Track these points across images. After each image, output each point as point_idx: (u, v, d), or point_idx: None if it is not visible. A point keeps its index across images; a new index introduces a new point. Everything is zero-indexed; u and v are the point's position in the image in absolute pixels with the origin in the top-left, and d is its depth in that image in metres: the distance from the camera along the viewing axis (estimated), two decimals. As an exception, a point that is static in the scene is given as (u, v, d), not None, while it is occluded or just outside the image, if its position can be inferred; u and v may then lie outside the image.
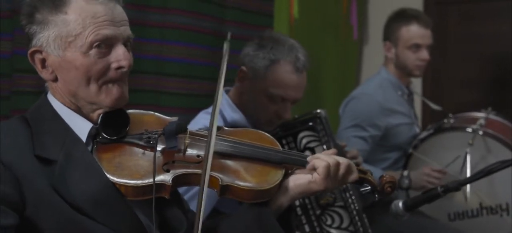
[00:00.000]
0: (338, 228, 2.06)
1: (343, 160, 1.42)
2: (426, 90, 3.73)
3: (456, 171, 2.59)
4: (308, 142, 2.09)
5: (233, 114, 2.11)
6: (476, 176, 1.67)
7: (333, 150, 1.47)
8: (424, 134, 2.79)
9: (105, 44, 1.33)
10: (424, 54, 2.82)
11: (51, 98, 1.40)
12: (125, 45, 1.37)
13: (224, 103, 2.13)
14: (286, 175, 1.43)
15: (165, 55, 2.61)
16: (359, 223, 2.05)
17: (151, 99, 2.59)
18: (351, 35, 3.94)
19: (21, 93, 2.13)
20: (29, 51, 1.35)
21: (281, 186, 1.41)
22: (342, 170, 1.41)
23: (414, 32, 2.82)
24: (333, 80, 3.82)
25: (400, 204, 1.70)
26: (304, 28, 3.44)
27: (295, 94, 2.08)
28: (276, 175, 1.40)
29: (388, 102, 2.80)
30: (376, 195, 1.49)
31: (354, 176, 1.45)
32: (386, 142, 2.81)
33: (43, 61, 1.36)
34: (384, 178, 1.49)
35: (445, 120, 2.79)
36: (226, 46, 1.28)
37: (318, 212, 2.06)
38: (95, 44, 1.32)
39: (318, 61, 3.59)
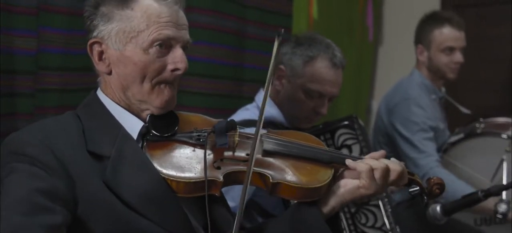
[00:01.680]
0: (372, 227, 2.09)
1: (393, 165, 1.40)
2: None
3: (487, 177, 2.55)
4: (345, 140, 2.15)
5: (271, 110, 2.13)
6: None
7: (381, 152, 1.44)
8: (454, 138, 2.76)
9: (166, 45, 1.35)
10: (458, 56, 2.79)
11: (101, 94, 1.40)
12: (183, 49, 1.39)
13: (262, 99, 2.14)
14: (335, 178, 1.42)
15: (188, 54, 2.58)
16: (393, 224, 2.07)
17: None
18: (366, 36, 3.92)
19: (45, 90, 2.11)
20: (89, 42, 1.37)
21: (331, 189, 1.40)
22: (393, 175, 1.40)
23: (447, 34, 2.78)
24: (348, 81, 3.79)
25: (438, 208, 1.67)
26: (322, 29, 3.41)
27: (332, 89, 2.10)
28: (326, 174, 1.40)
29: (429, 106, 2.78)
30: (425, 197, 1.48)
31: (405, 179, 1.43)
32: None
33: (101, 54, 1.37)
34: (432, 180, 1.48)
35: (476, 125, 2.75)
36: (276, 42, 1.28)
37: (353, 210, 2.09)
38: (156, 43, 1.34)
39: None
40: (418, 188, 1.47)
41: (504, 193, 2.38)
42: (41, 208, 1.14)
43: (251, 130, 1.43)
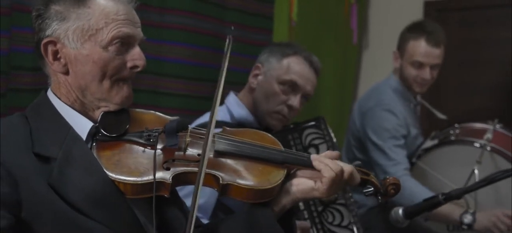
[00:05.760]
0: (338, 225, 2.11)
1: (346, 167, 1.39)
2: (426, 96, 3.72)
3: (460, 186, 2.53)
4: (313, 139, 2.20)
5: (241, 111, 2.18)
6: (478, 185, 1.65)
7: (336, 153, 1.43)
8: (429, 143, 2.75)
9: (124, 43, 1.35)
10: (425, 73, 2.75)
11: (51, 95, 1.39)
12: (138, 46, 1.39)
13: (232, 101, 2.22)
14: (288, 176, 1.41)
15: (164, 55, 2.59)
16: (359, 223, 2.12)
17: (150, 99, 2.57)
18: (351, 40, 3.93)
19: (18, 90, 2.12)
20: (43, 41, 1.34)
21: (284, 187, 1.39)
22: (345, 177, 1.39)
23: (419, 49, 2.74)
24: (332, 84, 3.80)
25: (400, 211, 1.68)
26: (304, 31, 3.43)
27: (306, 85, 2.16)
28: (277, 175, 1.37)
29: (402, 113, 2.77)
30: (379, 197, 1.47)
31: (357, 180, 1.42)
32: None
33: (56, 53, 1.35)
34: (388, 180, 1.46)
35: (451, 131, 2.74)
36: (228, 42, 1.27)
37: (320, 208, 2.11)
38: (115, 41, 1.34)
39: (317, 65, 3.57)
40: (372, 188, 1.46)
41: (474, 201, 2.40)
42: None
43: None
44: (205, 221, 1.85)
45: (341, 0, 3.80)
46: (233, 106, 2.20)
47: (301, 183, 1.39)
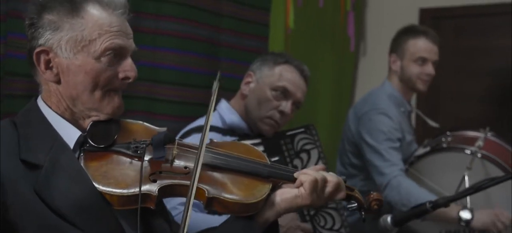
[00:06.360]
0: (330, 229, 2.16)
1: (331, 177, 1.41)
2: (421, 104, 3.73)
3: (450, 192, 2.53)
4: (305, 144, 2.25)
5: (232, 117, 2.24)
6: (465, 192, 1.66)
7: (321, 166, 1.46)
8: (421, 151, 2.76)
9: (116, 54, 1.37)
10: (430, 68, 2.81)
11: (41, 103, 1.40)
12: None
13: (223, 108, 2.27)
14: (273, 189, 1.42)
15: (158, 62, 2.60)
16: (348, 227, 2.17)
17: (145, 106, 2.58)
18: (348, 47, 3.94)
19: (11, 96, 2.12)
20: (36, 50, 1.35)
21: (268, 200, 1.40)
22: (329, 187, 1.41)
23: (421, 46, 2.81)
24: (329, 90, 3.82)
25: (389, 218, 1.69)
26: (300, 38, 3.45)
27: (296, 91, 2.21)
28: (263, 189, 1.39)
29: (397, 117, 2.79)
30: (363, 213, 1.49)
31: (342, 194, 1.44)
32: None
33: (48, 62, 1.36)
34: (371, 196, 1.49)
35: (443, 138, 2.75)
36: (215, 85, 1.31)
37: (312, 212, 2.16)
38: (108, 52, 1.35)
39: (314, 72, 3.58)
40: (356, 204, 1.48)
41: (468, 201, 2.41)
42: None
43: (191, 139, 1.44)
44: None
45: (338, 7, 3.82)
46: (224, 112, 2.25)
47: (285, 192, 1.41)
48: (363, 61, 4.24)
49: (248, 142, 1.83)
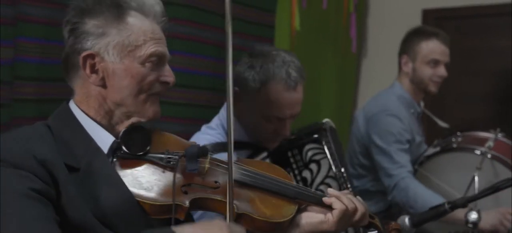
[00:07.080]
0: None
1: (360, 206, 1.44)
2: (427, 105, 3.73)
3: (460, 192, 2.53)
4: (314, 155, 2.09)
5: (236, 131, 2.02)
6: (483, 193, 1.66)
7: (348, 192, 1.48)
8: (431, 151, 2.76)
9: (158, 60, 1.41)
10: (442, 70, 2.81)
11: (73, 106, 1.41)
12: None
13: (226, 116, 2.08)
14: (299, 211, 1.45)
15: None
16: None
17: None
18: (350, 48, 3.95)
19: (22, 100, 2.11)
20: (83, 54, 1.37)
21: (293, 221, 1.42)
22: (357, 217, 1.44)
23: (434, 47, 2.81)
24: (331, 92, 3.82)
25: (407, 219, 1.69)
26: (304, 40, 3.45)
27: (291, 111, 1.99)
28: (289, 209, 1.42)
29: (406, 118, 2.79)
30: None
31: (365, 222, 1.48)
32: None
33: (94, 66, 1.38)
34: (391, 225, 1.54)
35: (453, 139, 2.76)
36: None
37: None
38: (152, 58, 1.39)
39: (317, 73, 3.59)
40: (376, 231, 1.51)
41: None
42: (39, 200, 1.18)
43: (222, 156, 1.45)
44: None
45: (340, 9, 3.82)
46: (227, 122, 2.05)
47: (310, 217, 1.44)
48: (365, 62, 4.24)
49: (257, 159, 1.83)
